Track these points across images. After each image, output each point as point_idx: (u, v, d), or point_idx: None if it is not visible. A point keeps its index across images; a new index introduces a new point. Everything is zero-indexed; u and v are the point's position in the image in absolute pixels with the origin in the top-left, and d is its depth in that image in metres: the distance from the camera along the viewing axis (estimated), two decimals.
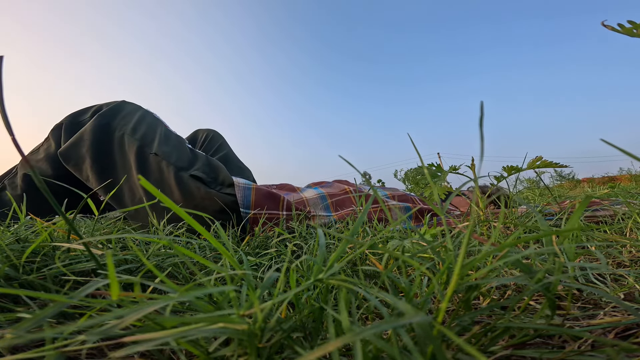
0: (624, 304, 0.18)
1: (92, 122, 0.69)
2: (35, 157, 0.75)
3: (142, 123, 0.72)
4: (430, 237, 0.45)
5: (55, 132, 0.73)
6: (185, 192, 0.65)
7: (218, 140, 1.12)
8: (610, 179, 2.77)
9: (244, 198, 0.67)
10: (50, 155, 0.73)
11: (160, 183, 0.66)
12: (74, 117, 0.73)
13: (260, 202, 0.68)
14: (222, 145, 1.12)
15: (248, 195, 0.68)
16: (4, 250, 0.30)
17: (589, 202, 0.17)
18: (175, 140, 0.74)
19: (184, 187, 0.65)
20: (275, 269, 0.29)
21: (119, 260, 0.34)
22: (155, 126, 0.74)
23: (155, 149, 0.68)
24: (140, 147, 0.67)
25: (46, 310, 0.15)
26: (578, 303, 0.28)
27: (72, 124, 0.72)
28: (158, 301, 0.14)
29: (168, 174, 0.66)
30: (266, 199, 0.69)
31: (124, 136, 0.68)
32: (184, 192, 0.65)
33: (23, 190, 0.72)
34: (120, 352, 0.13)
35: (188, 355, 0.21)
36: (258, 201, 0.68)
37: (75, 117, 0.73)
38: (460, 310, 0.20)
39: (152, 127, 0.73)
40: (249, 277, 0.20)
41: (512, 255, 0.19)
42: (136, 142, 0.67)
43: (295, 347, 0.17)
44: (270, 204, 0.69)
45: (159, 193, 0.19)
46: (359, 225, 0.22)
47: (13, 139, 0.21)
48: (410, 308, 0.13)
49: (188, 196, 0.65)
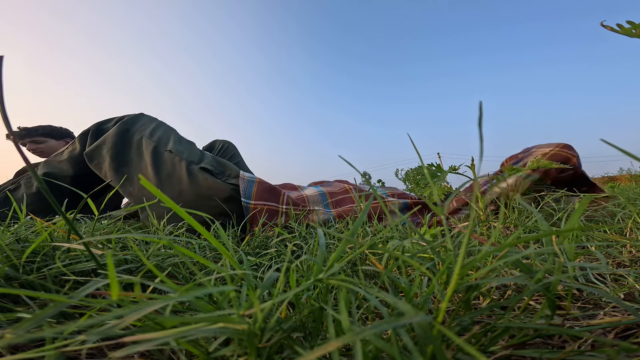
0: (624, 304, 0.18)
1: (115, 128, 0.79)
2: (59, 158, 0.84)
3: (159, 129, 0.82)
4: (430, 237, 0.45)
5: (82, 137, 0.83)
6: (194, 182, 0.71)
7: (232, 150, 1.31)
8: (610, 179, 2.78)
9: (246, 189, 0.71)
10: (73, 156, 0.82)
11: (171, 175, 0.73)
12: (99, 125, 0.84)
13: (262, 194, 0.72)
14: (235, 154, 1.30)
15: (250, 186, 0.72)
16: (4, 250, 0.30)
17: (589, 202, 0.17)
18: (186, 142, 0.84)
19: (193, 177, 0.72)
20: (275, 269, 0.29)
21: (119, 260, 0.34)
22: (170, 132, 0.84)
23: (169, 148, 0.77)
24: (155, 147, 0.76)
25: (46, 310, 0.15)
26: (578, 303, 0.28)
27: (98, 130, 0.82)
28: (158, 301, 0.14)
29: (180, 168, 0.73)
30: (267, 192, 0.73)
31: (142, 139, 0.78)
32: (193, 182, 0.71)
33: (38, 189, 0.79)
34: (120, 352, 0.13)
35: (188, 355, 0.21)
36: (259, 193, 0.72)
37: (100, 125, 0.84)
38: (460, 310, 0.20)
39: (166, 132, 0.83)
40: (249, 277, 0.20)
41: (512, 255, 0.19)
42: (152, 143, 0.77)
43: (295, 347, 0.17)
44: (271, 197, 0.73)
45: (159, 192, 0.19)
46: (359, 225, 0.22)
47: (13, 139, 0.21)
48: (410, 308, 0.13)
49: (196, 186, 0.71)
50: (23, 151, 0.22)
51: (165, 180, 0.73)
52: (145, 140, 0.78)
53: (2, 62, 0.20)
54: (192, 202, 0.70)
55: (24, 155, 0.22)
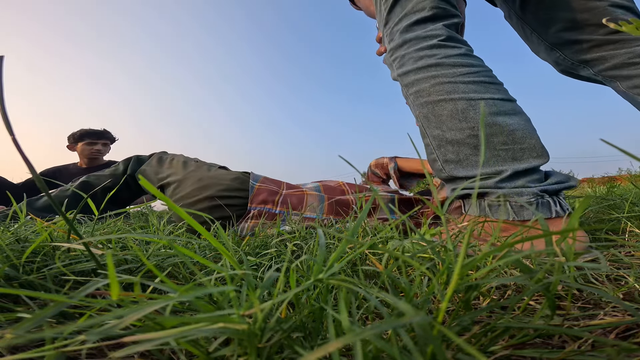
0: (624, 304, 0.18)
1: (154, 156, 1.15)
2: (101, 174, 1.14)
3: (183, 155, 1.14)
4: (430, 237, 0.45)
5: (126, 161, 1.17)
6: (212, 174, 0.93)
7: None
8: (610, 179, 2.79)
9: (255, 177, 0.94)
10: (113, 173, 1.13)
11: (195, 172, 0.95)
12: (138, 157, 1.19)
13: (266, 181, 0.94)
14: None
15: (259, 176, 0.95)
16: (4, 250, 0.30)
17: (589, 202, 0.17)
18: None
19: (213, 172, 0.95)
20: (275, 269, 0.29)
21: (119, 260, 0.34)
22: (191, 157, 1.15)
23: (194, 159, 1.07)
24: (185, 160, 1.06)
25: (46, 310, 0.15)
26: (578, 303, 0.28)
27: (138, 159, 1.17)
28: (158, 301, 0.14)
29: (202, 167, 0.99)
30: (271, 181, 0.96)
31: (174, 157, 1.10)
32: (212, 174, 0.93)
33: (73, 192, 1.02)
34: (120, 352, 0.13)
35: (188, 355, 0.21)
36: (264, 181, 0.94)
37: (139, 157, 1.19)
38: (460, 310, 0.20)
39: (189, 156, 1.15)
40: (249, 277, 0.20)
41: (512, 255, 0.19)
42: (182, 157, 1.09)
43: (296, 347, 0.17)
44: (273, 185, 0.93)
45: (159, 192, 0.19)
46: (359, 225, 0.22)
47: (13, 139, 0.21)
48: (410, 308, 0.13)
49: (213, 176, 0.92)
50: (24, 152, 0.22)
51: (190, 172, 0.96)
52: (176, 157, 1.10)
53: (2, 62, 0.20)
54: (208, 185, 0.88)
55: (25, 156, 0.22)
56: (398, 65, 0.60)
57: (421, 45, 0.56)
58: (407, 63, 0.58)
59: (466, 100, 0.50)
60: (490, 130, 0.49)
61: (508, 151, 0.48)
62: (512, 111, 0.50)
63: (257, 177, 0.94)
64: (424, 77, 0.55)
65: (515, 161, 0.48)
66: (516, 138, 0.48)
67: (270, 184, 0.92)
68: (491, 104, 0.49)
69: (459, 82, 0.51)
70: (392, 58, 0.62)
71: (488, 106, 0.49)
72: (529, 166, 0.47)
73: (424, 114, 0.56)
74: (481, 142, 0.49)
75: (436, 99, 0.53)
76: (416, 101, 0.57)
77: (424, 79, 0.55)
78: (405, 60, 0.58)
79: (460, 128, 0.51)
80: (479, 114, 0.49)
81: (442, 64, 0.53)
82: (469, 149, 0.51)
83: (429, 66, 0.54)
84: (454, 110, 0.51)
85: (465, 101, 0.50)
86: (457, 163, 0.52)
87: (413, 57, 0.57)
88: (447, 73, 0.52)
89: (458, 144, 0.51)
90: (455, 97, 0.51)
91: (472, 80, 0.51)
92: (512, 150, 0.48)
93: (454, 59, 0.53)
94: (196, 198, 0.85)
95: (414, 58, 0.56)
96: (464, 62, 0.53)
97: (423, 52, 0.56)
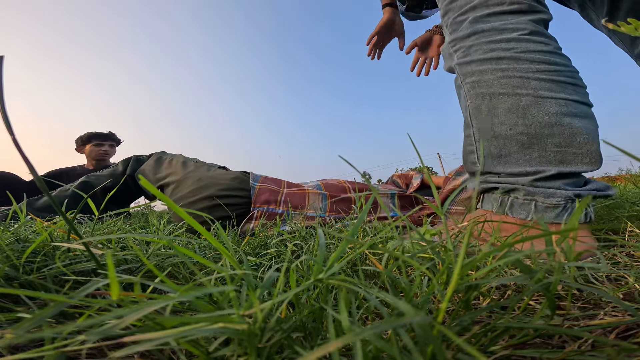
0: (624, 304, 0.18)
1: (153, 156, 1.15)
2: (101, 174, 1.15)
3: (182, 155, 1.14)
4: (430, 237, 0.45)
5: (125, 162, 1.18)
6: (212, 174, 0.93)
7: None
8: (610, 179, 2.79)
9: (255, 177, 0.93)
10: (113, 173, 1.14)
11: (195, 172, 0.95)
12: (137, 157, 1.20)
13: (266, 181, 0.93)
14: None
15: (259, 176, 0.95)
16: (4, 250, 0.30)
17: (589, 202, 0.17)
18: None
19: (212, 171, 0.95)
20: (275, 269, 0.29)
21: (119, 260, 0.34)
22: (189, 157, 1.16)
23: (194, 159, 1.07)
24: (184, 160, 1.05)
25: (46, 310, 0.15)
26: (578, 303, 0.28)
27: (137, 159, 1.18)
28: (158, 301, 0.14)
29: (202, 167, 0.99)
30: (271, 180, 0.95)
31: (173, 157, 1.09)
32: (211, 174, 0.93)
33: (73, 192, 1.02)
34: (120, 352, 0.13)
35: (188, 355, 0.21)
36: (265, 180, 0.93)
37: (138, 157, 1.20)
38: (460, 310, 0.20)
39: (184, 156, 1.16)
40: (249, 277, 0.20)
41: (512, 255, 0.19)
42: (181, 157, 1.08)
43: (296, 347, 0.17)
44: (274, 184, 0.92)
45: (159, 192, 0.19)
46: (359, 225, 0.22)
47: (13, 139, 0.21)
48: (410, 308, 0.13)
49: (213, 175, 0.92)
50: (24, 152, 0.22)
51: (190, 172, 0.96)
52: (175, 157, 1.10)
53: (2, 62, 0.20)
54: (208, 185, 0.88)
55: (25, 156, 0.22)
56: (461, 55, 0.57)
57: (496, 37, 0.53)
58: (473, 54, 0.55)
59: (533, 97, 0.48)
60: (549, 130, 0.47)
61: (558, 153, 0.46)
62: (583, 114, 0.48)
63: (257, 177, 0.94)
64: (490, 69, 0.52)
65: (562, 164, 0.46)
66: (574, 142, 0.46)
67: (270, 183, 0.92)
68: (562, 104, 0.47)
69: (532, 79, 0.49)
70: (454, 48, 0.58)
71: (559, 106, 0.47)
72: (576, 170, 0.46)
73: (476, 104, 0.53)
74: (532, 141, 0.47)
75: (497, 91, 0.51)
76: (471, 91, 0.54)
77: (489, 70, 0.52)
78: (472, 51, 0.55)
79: (515, 124, 0.48)
80: (543, 112, 0.47)
81: (518, 58, 0.50)
82: (515, 146, 0.48)
83: (499, 59, 0.51)
84: (515, 105, 0.49)
85: (531, 97, 0.48)
86: (497, 158, 0.50)
87: (482, 49, 0.54)
88: (521, 68, 0.50)
89: (505, 139, 0.49)
90: (521, 93, 0.49)
91: (549, 78, 0.49)
92: (563, 153, 0.46)
93: (532, 55, 0.50)
94: (196, 198, 0.85)
95: (484, 50, 0.53)
96: (545, 59, 0.50)
97: (497, 44, 0.52)
